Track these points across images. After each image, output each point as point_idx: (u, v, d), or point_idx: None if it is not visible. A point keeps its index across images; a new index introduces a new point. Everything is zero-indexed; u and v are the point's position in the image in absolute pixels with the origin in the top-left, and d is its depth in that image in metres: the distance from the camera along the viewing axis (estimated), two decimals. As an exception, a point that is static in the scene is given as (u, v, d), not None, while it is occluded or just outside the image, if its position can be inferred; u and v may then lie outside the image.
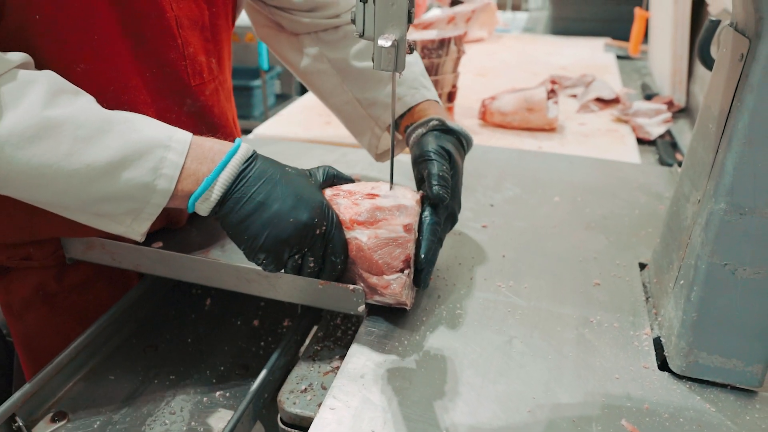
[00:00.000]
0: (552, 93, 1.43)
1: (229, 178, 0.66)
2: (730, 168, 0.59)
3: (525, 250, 0.89)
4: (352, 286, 0.70)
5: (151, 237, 0.87)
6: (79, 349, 0.80)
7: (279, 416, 0.65)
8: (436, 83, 1.39)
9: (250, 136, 1.45)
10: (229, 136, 0.91)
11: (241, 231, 0.67)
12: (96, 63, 0.73)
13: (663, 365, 0.67)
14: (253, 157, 0.69)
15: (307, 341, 0.79)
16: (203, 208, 0.67)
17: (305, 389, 0.66)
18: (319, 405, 0.62)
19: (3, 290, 0.88)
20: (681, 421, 0.59)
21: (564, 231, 0.95)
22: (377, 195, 0.73)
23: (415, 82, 0.93)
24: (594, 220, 0.98)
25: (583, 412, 0.60)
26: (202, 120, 0.86)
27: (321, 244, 0.69)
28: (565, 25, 2.68)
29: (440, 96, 1.42)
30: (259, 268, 0.70)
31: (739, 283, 0.61)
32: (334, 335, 0.77)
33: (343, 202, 0.72)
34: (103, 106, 0.68)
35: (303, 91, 2.66)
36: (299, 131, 1.44)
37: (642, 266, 0.86)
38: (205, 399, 0.78)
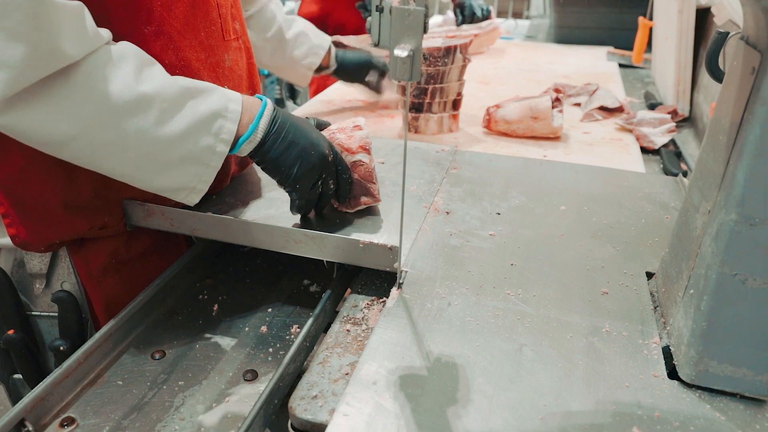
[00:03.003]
0: (557, 102, 1.43)
1: (266, 124, 0.87)
2: (741, 179, 0.59)
3: (533, 258, 0.90)
4: (390, 244, 0.86)
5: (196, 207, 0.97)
6: (89, 352, 0.80)
7: (290, 422, 0.66)
8: (441, 91, 1.40)
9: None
10: (253, 88, 1.14)
11: (278, 164, 0.87)
12: (162, 24, 0.88)
13: (672, 374, 0.67)
14: (276, 109, 0.90)
15: (317, 348, 0.80)
16: (247, 150, 0.87)
17: (316, 396, 0.67)
18: (331, 411, 0.63)
19: (82, 260, 0.99)
20: (692, 430, 0.60)
21: (571, 240, 0.95)
22: (361, 127, 0.97)
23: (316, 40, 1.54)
24: (600, 229, 0.99)
25: (594, 420, 0.60)
26: (235, 73, 1.05)
27: (333, 169, 0.91)
28: (567, 33, 2.69)
29: (445, 104, 1.43)
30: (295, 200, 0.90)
31: (749, 292, 0.61)
32: (344, 342, 0.77)
33: (341, 136, 0.95)
34: (165, 63, 0.87)
35: (292, 95, 2.65)
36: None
37: (649, 275, 0.86)
38: (214, 405, 0.78)
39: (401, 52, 0.61)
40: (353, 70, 1.61)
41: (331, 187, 0.92)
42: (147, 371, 0.84)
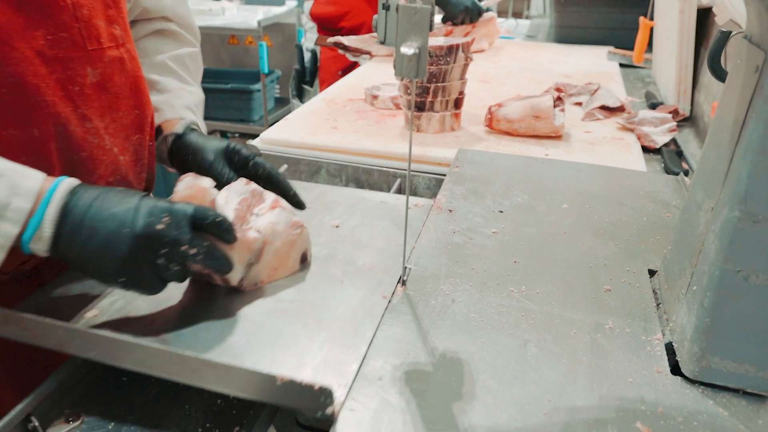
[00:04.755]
0: (558, 101, 1.44)
1: (55, 216, 0.67)
2: (744, 176, 0.60)
3: (536, 256, 0.90)
4: (318, 385, 0.58)
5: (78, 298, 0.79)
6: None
7: (296, 419, 0.66)
8: (443, 90, 1.41)
9: (257, 141, 1.45)
10: (141, 108, 0.93)
11: (84, 261, 0.68)
12: None
13: (675, 370, 0.68)
14: (73, 191, 0.69)
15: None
16: (40, 250, 0.68)
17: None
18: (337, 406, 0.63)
19: None
20: (695, 425, 0.60)
21: (573, 238, 0.96)
22: (279, 205, 0.86)
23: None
24: (602, 227, 0.99)
25: (598, 415, 0.61)
26: (106, 90, 0.85)
27: (175, 239, 0.68)
28: (567, 33, 2.70)
29: (447, 103, 1.44)
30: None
31: (752, 289, 0.62)
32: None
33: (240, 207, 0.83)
34: None
35: (299, 93, 2.65)
36: (306, 136, 1.44)
37: (651, 273, 0.87)
38: (219, 401, 0.79)
39: (408, 50, 0.62)
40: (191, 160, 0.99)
41: (181, 267, 0.70)
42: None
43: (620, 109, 1.63)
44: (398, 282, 0.83)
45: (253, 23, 3.64)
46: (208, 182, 0.79)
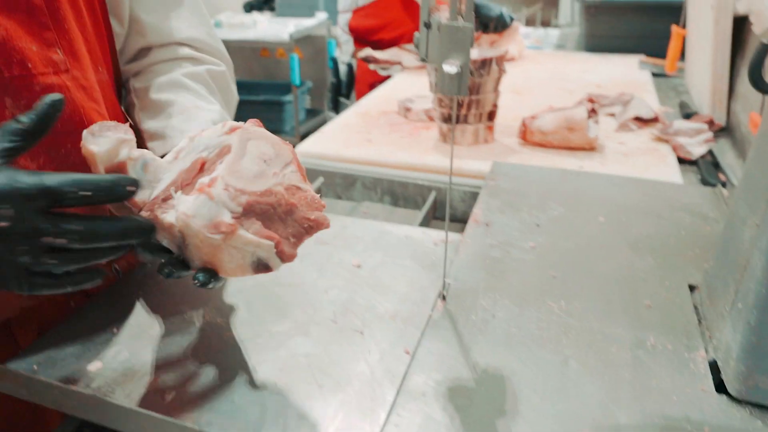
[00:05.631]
0: (592, 112, 1.44)
1: None
2: (791, 194, 0.60)
3: (574, 270, 0.90)
4: None
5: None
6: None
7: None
8: (477, 103, 1.41)
9: (293, 153, 1.47)
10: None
11: None
12: None
13: (720, 388, 0.67)
14: None
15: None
16: None
17: (365, 406, 0.68)
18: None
19: None
20: (742, 445, 0.60)
21: (611, 251, 0.96)
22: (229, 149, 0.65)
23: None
24: (640, 240, 0.99)
25: (643, 434, 0.61)
26: None
27: (34, 234, 0.53)
28: (597, 42, 2.69)
29: (480, 115, 1.44)
30: None
31: (800, 307, 0.61)
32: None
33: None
34: None
35: (335, 105, 2.68)
36: (340, 149, 1.46)
37: (692, 288, 0.86)
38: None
39: (450, 68, 0.63)
40: None
41: (51, 261, 0.55)
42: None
43: (654, 120, 1.62)
44: (438, 296, 0.84)
45: (284, 36, 3.69)
46: (105, 142, 0.61)
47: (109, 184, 0.57)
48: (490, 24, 2.31)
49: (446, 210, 0.79)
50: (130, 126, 0.66)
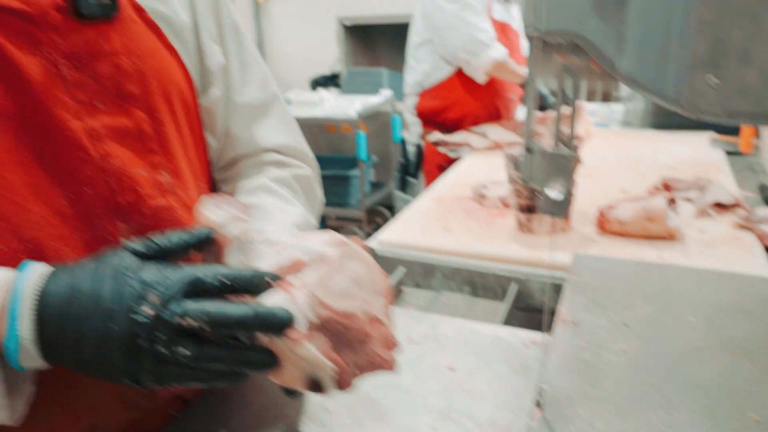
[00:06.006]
0: (672, 202, 1.44)
1: (31, 325, 0.56)
2: None
3: (670, 377, 0.90)
4: None
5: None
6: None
7: None
8: (554, 193, 1.44)
9: (373, 242, 1.52)
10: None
11: (87, 370, 0.59)
12: None
13: None
14: (42, 293, 0.58)
15: None
16: (31, 365, 0.58)
17: None
18: None
19: None
20: None
21: (706, 356, 0.94)
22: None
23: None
24: (735, 343, 0.97)
25: None
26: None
27: (166, 326, 0.56)
28: (665, 118, 2.68)
29: (558, 205, 1.46)
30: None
31: None
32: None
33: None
34: (1, 250, 0.64)
35: (403, 185, 2.75)
36: (420, 238, 1.50)
37: (797, 399, 0.84)
38: None
39: (556, 194, 0.66)
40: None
41: (184, 353, 0.57)
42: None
43: (735, 206, 1.60)
44: (534, 404, 0.84)
45: (351, 113, 3.84)
46: (220, 213, 0.64)
47: (249, 276, 0.60)
48: (553, 105, 2.40)
49: (545, 305, 0.80)
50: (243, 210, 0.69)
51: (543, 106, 2.52)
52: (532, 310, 1.36)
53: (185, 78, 0.85)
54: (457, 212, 1.68)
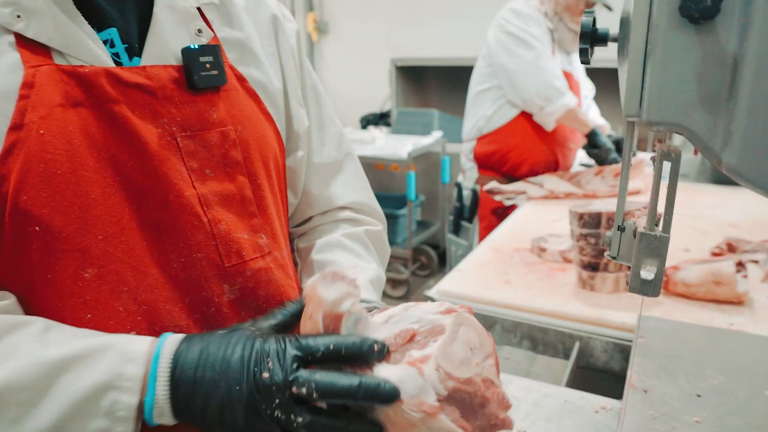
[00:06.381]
0: (740, 266, 1.42)
1: (166, 387, 0.62)
2: None
3: (748, 454, 0.88)
4: None
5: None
6: None
7: None
8: (619, 252, 1.44)
9: (434, 292, 1.54)
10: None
11: (210, 428, 0.62)
12: (108, 264, 0.69)
13: None
14: (175, 356, 0.63)
15: None
16: (166, 421, 0.63)
17: None
18: None
19: None
20: None
21: (784, 434, 0.93)
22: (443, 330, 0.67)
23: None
24: (814, 421, 0.95)
25: None
26: (246, 305, 0.80)
27: (283, 386, 0.59)
28: (722, 172, 2.64)
29: (621, 264, 1.45)
30: None
31: None
32: None
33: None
34: (119, 311, 0.69)
35: (457, 230, 2.77)
36: (480, 290, 1.51)
37: None
38: None
39: (648, 274, 0.67)
40: None
41: (298, 419, 0.60)
42: None
43: (803, 271, 1.57)
44: (610, 476, 0.84)
45: (403, 154, 3.90)
46: (333, 291, 0.65)
47: (357, 344, 0.62)
48: (609, 161, 2.43)
49: (630, 361, 0.80)
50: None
51: (604, 159, 2.51)
52: (593, 369, 1.34)
53: (278, 142, 0.89)
54: (516, 264, 1.69)
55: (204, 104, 0.77)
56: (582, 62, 0.67)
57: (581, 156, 3.26)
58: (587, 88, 2.89)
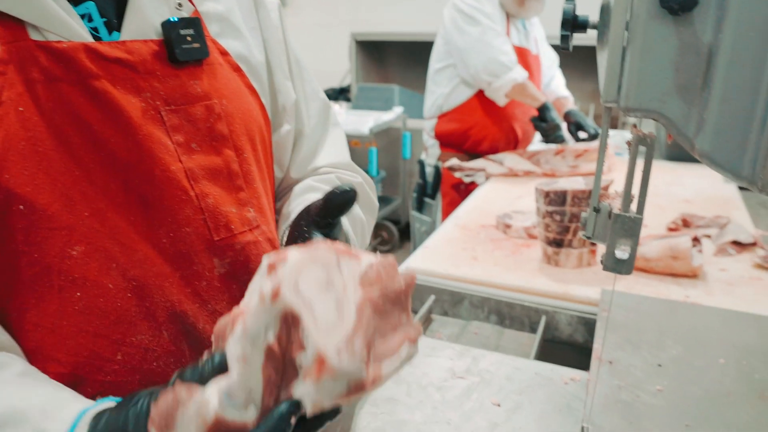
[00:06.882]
0: (696, 241, 1.48)
1: None
2: None
3: (706, 420, 0.93)
4: None
5: None
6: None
7: None
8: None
9: (401, 269, 1.56)
10: None
11: None
12: (96, 241, 0.68)
13: None
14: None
15: None
16: None
17: None
18: None
19: None
20: None
21: (739, 400, 0.98)
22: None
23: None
24: (766, 388, 1.02)
25: None
26: (237, 279, 0.79)
27: None
28: (679, 150, 2.73)
29: (584, 240, 1.50)
30: None
31: None
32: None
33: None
34: (108, 288, 0.68)
35: (420, 206, 2.79)
36: (449, 267, 1.54)
37: (829, 447, 0.88)
38: None
39: (622, 254, 0.70)
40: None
41: None
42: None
43: (753, 245, 1.65)
44: (579, 443, 0.88)
45: (364, 130, 3.89)
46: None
47: None
48: (581, 136, 2.49)
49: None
50: None
51: (549, 135, 2.54)
52: (558, 342, 1.39)
53: (264, 116, 0.88)
54: (482, 241, 1.73)
55: (187, 78, 0.75)
56: (562, 48, 0.69)
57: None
58: (550, 58, 2.91)
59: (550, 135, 2.52)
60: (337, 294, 0.56)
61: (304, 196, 0.94)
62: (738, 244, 1.66)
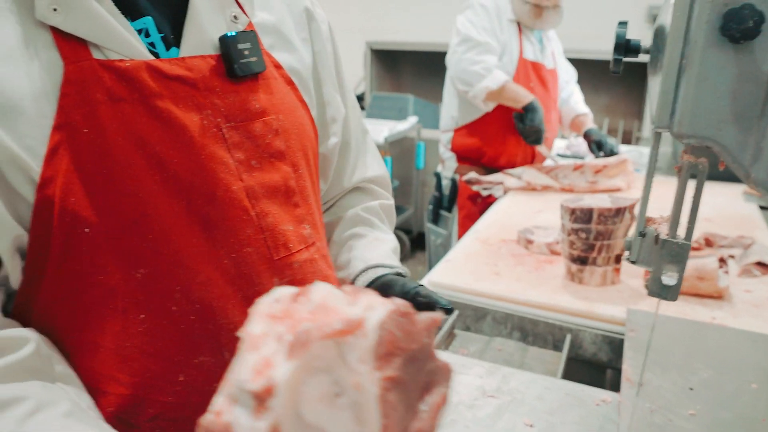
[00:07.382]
0: (722, 262, 1.47)
1: None
2: None
3: (741, 447, 0.92)
4: None
5: None
6: None
7: None
8: (607, 247, 1.48)
9: (425, 282, 1.55)
10: None
11: None
12: (159, 263, 0.68)
13: None
14: None
15: None
16: None
17: None
18: None
19: None
20: None
21: (773, 426, 0.97)
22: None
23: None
24: (799, 414, 1.00)
25: None
26: None
27: None
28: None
29: (609, 258, 1.50)
30: None
31: None
32: None
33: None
34: (172, 311, 0.68)
35: (436, 218, 2.79)
36: (471, 282, 1.54)
37: None
38: None
39: (669, 280, 0.69)
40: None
41: None
42: None
43: (777, 266, 1.64)
44: (614, 468, 0.87)
45: (379, 139, 3.89)
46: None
47: None
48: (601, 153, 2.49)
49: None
50: None
51: (526, 137, 2.52)
52: (581, 360, 1.38)
53: (314, 130, 0.88)
54: (504, 256, 1.72)
55: (246, 93, 0.75)
56: (613, 72, 0.69)
57: (557, 146, 3.31)
58: (567, 72, 2.89)
59: (527, 137, 2.51)
60: (351, 398, 0.47)
61: (357, 228, 0.97)
62: (762, 265, 1.64)
